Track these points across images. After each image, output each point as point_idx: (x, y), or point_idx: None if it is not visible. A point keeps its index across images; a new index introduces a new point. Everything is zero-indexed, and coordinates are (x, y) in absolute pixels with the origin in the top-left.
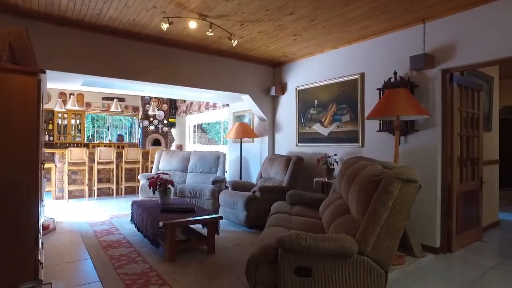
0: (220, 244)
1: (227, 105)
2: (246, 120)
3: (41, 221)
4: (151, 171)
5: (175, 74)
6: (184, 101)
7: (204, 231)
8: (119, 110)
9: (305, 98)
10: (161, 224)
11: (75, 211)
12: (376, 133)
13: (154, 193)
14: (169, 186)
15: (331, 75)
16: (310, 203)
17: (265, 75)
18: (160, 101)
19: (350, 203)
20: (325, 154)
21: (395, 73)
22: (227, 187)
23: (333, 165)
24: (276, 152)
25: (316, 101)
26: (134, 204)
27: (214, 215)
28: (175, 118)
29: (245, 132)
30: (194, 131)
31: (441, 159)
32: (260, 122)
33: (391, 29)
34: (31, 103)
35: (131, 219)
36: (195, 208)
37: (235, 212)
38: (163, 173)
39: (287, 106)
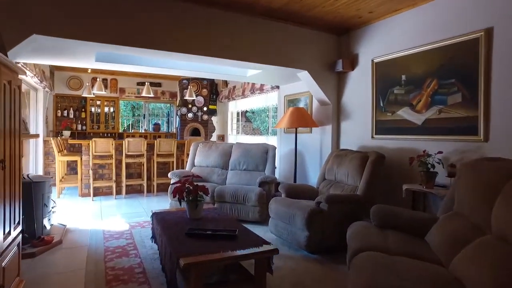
0: (272, 284)
1: (277, 87)
2: (301, 105)
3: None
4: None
5: (211, 42)
6: (226, 85)
7: (249, 262)
8: (151, 95)
9: (386, 73)
10: (182, 263)
11: (95, 213)
12: None
13: (180, 203)
14: (201, 194)
15: (430, 37)
16: (408, 227)
17: (328, 46)
18: (199, 85)
19: None
20: (424, 151)
21: None
22: (277, 191)
23: (435, 167)
24: (342, 146)
25: (403, 77)
26: (154, 217)
27: (265, 248)
28: (216, 105)
29: (302, 119)
30: (238, 120)
31: None
32: (320, 108)
33: None
34: None
35: (152, 237)
36: (236, 233)
37: (291, 229)
38: (193, 176)
39: (359, 85)
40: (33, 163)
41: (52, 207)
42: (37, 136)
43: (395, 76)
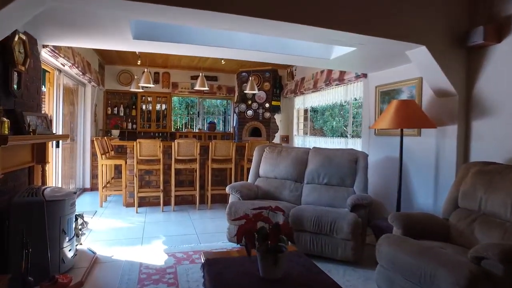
0: None
1: (364, 75)
2: (404, 98)
3: None
4: (247, 176)
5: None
6: (292, 77)
7: None
8: (206, 88)
9: None
10: None
11: (136, 233)
12: None
13: (248, 253)
14: (283, 238)
15: None
16: None
17: (455, 9)
18: (261, 78)
19: None
20: None
21: None
22: (380, 218)
23: None
24: (475, 157)
25: None
26: (206, 272)
27: None
28: (279, 101)
29: (413, 117)
30: (305, 118)
31: None
32: (435, 101)
33: None
34: None
35: None
36: None
37: None
38: (270, 208)
39: (510, 64)
40: (80, 166)
41: (81, 229)
42: (66, 136)
43: None
